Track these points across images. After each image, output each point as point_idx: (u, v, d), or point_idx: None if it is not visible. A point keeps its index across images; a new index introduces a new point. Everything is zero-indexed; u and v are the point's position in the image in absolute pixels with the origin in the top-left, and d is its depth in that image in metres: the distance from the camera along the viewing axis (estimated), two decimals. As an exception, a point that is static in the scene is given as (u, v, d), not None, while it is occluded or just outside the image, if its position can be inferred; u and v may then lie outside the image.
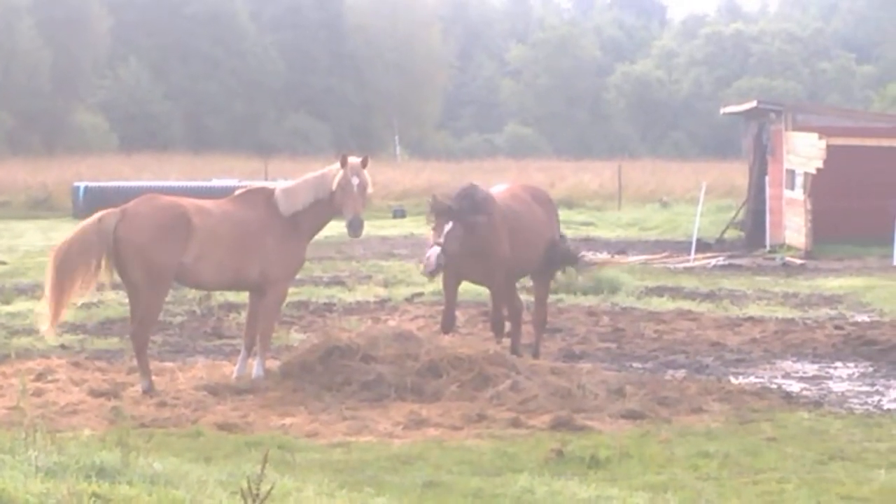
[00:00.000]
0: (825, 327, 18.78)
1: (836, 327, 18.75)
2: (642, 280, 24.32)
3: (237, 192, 14.18)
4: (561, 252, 15.86)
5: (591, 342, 17.33)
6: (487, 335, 15.76)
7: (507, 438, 11.38)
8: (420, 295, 21.30)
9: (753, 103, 36.07)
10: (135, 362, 13.70)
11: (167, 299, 15.16)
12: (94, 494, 7.27)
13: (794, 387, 14.33)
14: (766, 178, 35.15)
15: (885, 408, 13.19)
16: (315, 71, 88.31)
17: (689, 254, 30.96)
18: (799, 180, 32.82)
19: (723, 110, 41.83)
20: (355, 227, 13.74)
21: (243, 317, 15.50)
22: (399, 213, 45.08)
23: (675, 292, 22.91)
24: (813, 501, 9.15)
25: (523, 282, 16.69)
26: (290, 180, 14.65)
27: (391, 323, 17.83)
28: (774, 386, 14.30)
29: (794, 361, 16.13)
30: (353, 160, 13.90)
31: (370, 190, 14.00)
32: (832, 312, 20.61)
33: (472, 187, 14.97)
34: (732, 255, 31.69)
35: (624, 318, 19.45)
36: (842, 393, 14.04)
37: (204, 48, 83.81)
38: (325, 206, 13.86)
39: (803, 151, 32.34)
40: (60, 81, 75.62)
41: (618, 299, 21.35)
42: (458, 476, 9.95)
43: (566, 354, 16.18)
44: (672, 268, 28.58)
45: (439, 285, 15.61)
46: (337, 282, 23.83)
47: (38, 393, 12.88)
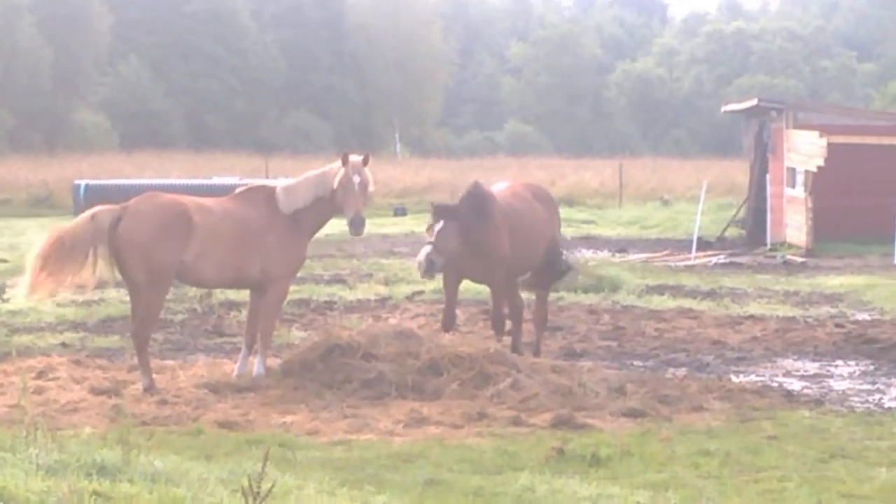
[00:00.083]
0: (826, 325, 18.78)
1: (837, 325, 18.74)
2: (643, 278, 24.33)
3: (238, 190, 14.18)
4: (559, 265, 15.92)
5: (592, 340, 17.32)
6: (488, 333, 15.75)
7: (507, 437, 11.37)
8: (421, 293, 21.30)
9: (754, 101, 36.04)
10: (136, 360, 13.70)
11: (168, 297, 15.16)
12: (95, 492, 7.27)
13: (794, 385, 14.33)
14: (767, 176, 35.14)
15: (886, 406, 13.18)
16: (316, 69, 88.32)
17: (690, 252, 30.95)
18: (800, 178, 32.82)
19: (724, 108, 41.81)
20: (357, 225, 13.73)
21: (244, 315, 15.49)
22: (400, 211, 45.09)
23: (676, 290, 22.90)
24: (814, 499, 9.14)
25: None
26: (290, 178, 14.63)
27: (392, 321, 17.83)
28: (775, 384, 14.30)
29: (794, 360, 16.12)
30: (355, 158, 13.88)
31: (371, 188, 13.97)
32: (833, 311, 20.60)
33: (473, 188, 14.97)
34: (733, 254, 31.68)
35: (625, 317, 19.44)
36: (843, 391, 14.03)
37: (205, 46, 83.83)
38: (326, 204, 13.84)
39: (804, 149, 32.33)
40: (61, 79, 75.65)
41: (619, 297, 21.35)
42: (458, 474, 9.94)
43: (567, 353, 16.18)
44: (673, 266, 28.58)
45: (440, 283, 15.61)
46: (338, 280, 23.84)
47: (38, 391, 12.88)
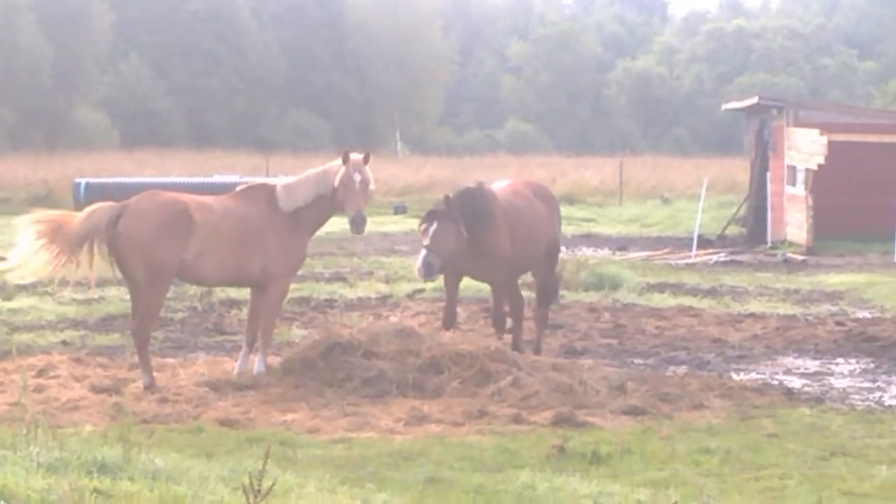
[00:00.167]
0: (826, 324, 18.78)
1: (838, 324, 18.75)
2: (643, 276, 24.33)
3: (238, 189, 14.17)
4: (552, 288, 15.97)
5: (593, 338, 17.32)
6: (489, 331, 15.75)
7: (508, 435, 11.38)
8: (421, 291, 21.29)
9: (755, 99, 36.04)
10: (136, 358, 13.70)
11: (168, 295, 15.16)
12: (96, 490, 7.27)
13: (795, 383, 14.33)
14: (768, 175, 35.14)
15: (887, 404, 13.19)
16: (316, 68, 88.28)
17: (691, 250, 30.95)
18: (800, 176, 32.82)
19: (724, 106, 41.83)
20: (358, 223, 13.71)
21: (244, 313, 15.48)
22: (400, 210, 45.07)
23: (677, 289, 22.89)
24: (814, 497, 9.14)
25: (524, 278, 16.68)
26: (291, 176, 14.62)
27: (392, 319, 17.75)
28: (776, 382, 14.30)
29: (795, 358, 16.12)
30: (356, 156, 13.87)
31: (372, 186, 13.96)
32: (833, 309, 20.60)
33: (472, 188, 14.97)
34: (734, 252, 31.68)
35: (625, 315, 19.44)
36: (843, 389, 14.04)
37: (205, 45, 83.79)
38: (326, 203, 13.83)
39: (805, 148, 32.33)
40: (62, 78, 75.61)
41: (619, 296, 21.35)
42: (459, 472, 9.94)
43: (567, 351, 16.18)
44: (673, 264, 28.58)
45: (440, 282, 15.61)
46: (338, 278, 23.82)
47: (39, 389, 12.89)
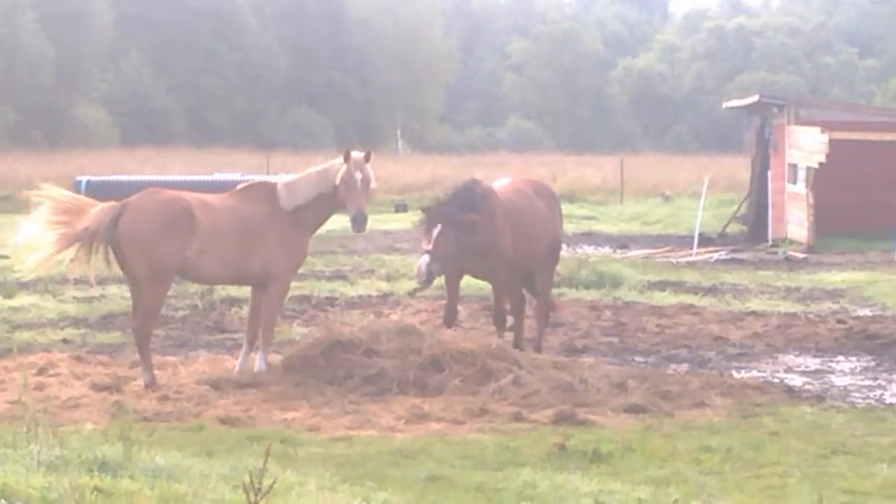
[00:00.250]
0: (827, 322, 18.77)
1: (839, 322, 18.74)
2: (644, 274, 24.31)
3: (239, 187, 14.15)
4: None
5: (594, 336, 17.32)
6: (490, 329, 15.75)
7: (509, 433, 11.37)
8: (422, 289, 21.26)
9: (756, 97, 36.04)
10: (137, 356, 13.69)
11: (169, 293, 15.16)
12: (96, 488, 7.26)
13: (796, 381, 14.32)
14: (769, 173, 35.13)
15: (888, 402, 13.18)
16: (317, 66, 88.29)
17: (692, 248, 30.95)
18: (801, 174, 32.80)
19: (725, 104, 41.81)
20: (359, 221, 13.69)
21: (245, 311, 15.47)
22: (401, 208, 45.07)
23: (678, 287, 22.88)
24: (815, 495, 9.13)
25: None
26: (292, 174, 14.61)
27: (393, 317, 17.75)
28: (777, 380, 14.29)
29: (796, 356, 16.11)
30: (357, 155, 13.85)
31: (373, 184, 13.94)
32: (834, 307, 20.60)
33: (469, 184, 14.94)
34: (735, 250, 31.67)
35: (626, 313, 19.43)
36: (844, 387, 14.03)
37: (206, 42, 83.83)
38: (327, 201, 13.82)
39: (806, 146, 32.32)
40: (62, 76, 75.69)
41: (620, 294, 21.34)
42: (460, 470, 9.94)
43: (568, 349, 16.17)
44: (674, 262, 28.57)
45: (441, 280, 15.61)
46: (339, 276, 23.82)
47: (40, 387, 12.89)
